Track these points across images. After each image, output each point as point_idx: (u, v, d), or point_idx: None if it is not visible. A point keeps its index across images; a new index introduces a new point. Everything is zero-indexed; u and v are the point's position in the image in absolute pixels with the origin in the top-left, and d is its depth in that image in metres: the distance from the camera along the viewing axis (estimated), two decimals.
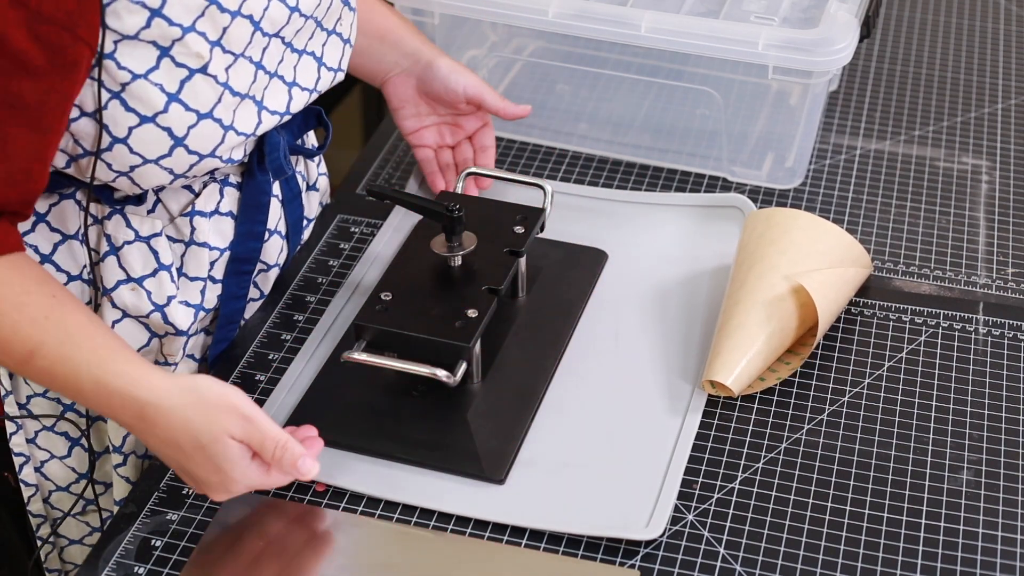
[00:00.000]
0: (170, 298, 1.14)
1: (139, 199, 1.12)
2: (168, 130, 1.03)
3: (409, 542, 1.04)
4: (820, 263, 1.19)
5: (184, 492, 1.08)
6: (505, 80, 1.54)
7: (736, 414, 1.15)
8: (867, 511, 1.06)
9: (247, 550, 1.03)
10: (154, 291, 1.13)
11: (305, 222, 1.28)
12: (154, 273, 1.13)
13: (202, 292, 1.16)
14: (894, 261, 1.32)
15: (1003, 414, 1.15)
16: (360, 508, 1.07)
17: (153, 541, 1.04)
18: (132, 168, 1.04)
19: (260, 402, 1.16)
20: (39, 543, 1.26)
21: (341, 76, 1.18)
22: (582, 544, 1.04)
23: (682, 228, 1.34)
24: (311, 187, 1.28)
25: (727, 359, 1.14)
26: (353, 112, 2.88)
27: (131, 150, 1.03)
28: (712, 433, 1.13)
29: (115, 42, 0.99)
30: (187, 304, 1.16)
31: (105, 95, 1.01)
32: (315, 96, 1.16)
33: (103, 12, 0.97)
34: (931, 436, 1.13)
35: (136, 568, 1.02)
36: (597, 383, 1.17)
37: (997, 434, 1.13)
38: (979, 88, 1.59)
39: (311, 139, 1.29)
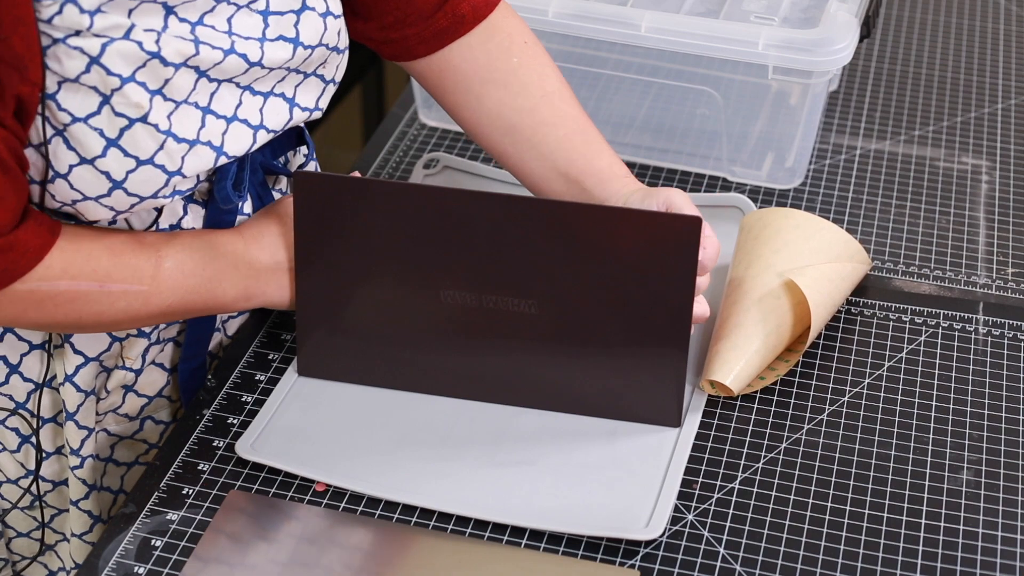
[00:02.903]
0: None
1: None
2: (106, 174, 1.02)
3: (409, 542, 1.04)
4: (815, 260, 1.19)
5: (184, 492, 1.08)
6: None
7: (736, 414, 1.15)
8: (867, 511, 1.06)
9: (247, 550, 1.03)
10: None
11: None
12: None
13: None
14: (894, 261, 1.32)
15: (1003, 414, 1.15)
16: (360, 508, 1.07)
17: (153, 541, 1.04)
18: (74, 202, 1.04)
19: (260, 402, 1.16)
20: None
21: (318, 113, 1.15)
22: (582, 544, 1.04)
23: None
24: None
25: (725, 359, 1.14)
26: (353, 112, 2.88)
27: (71, 186, 1.03)
28: (712, 433, 1.13)
29: (58, 83, 0.98)
30: None
31: (50, 130, 1.00)
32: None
33: (44, 54, 0.97)
34: (931, 436, 1.13)
35: (136, 568, 1.02)
36: None
37: (997, 434, 1.13)
38: (979, 88, 1.59)
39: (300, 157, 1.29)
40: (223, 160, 1.08)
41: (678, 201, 1.13)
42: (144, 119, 1.01)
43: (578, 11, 1.36)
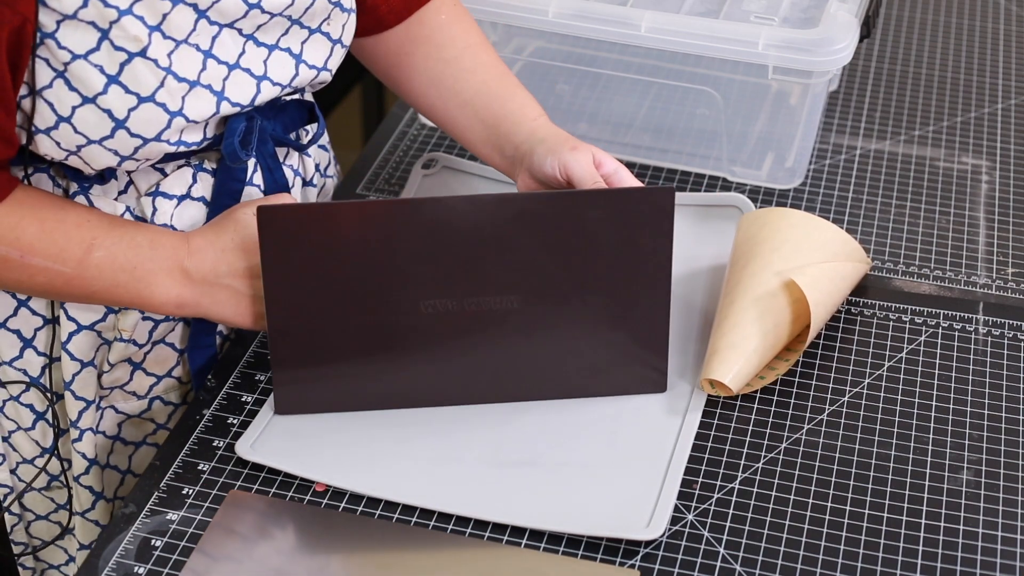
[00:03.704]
0: None
1: (105, 178, 1.12)
2: (108, 112, 1.03)
3: (409, 542, 1.04)
4: (813, 259, 1.19)
5: (184, 492, 1.08)
6: None
7: (736, 414, 1.15)
8: (867, 511, 1.06)
9: (247, 550, 1.03)
10: None
11: None
12: None
13: None
14: (894, 261, 1.32)
15: (1003, 414, 1.15)
16: (360, 508, 1.07)
17: (153, 541, 1.04)
18: (79, 148, 1.05)
19: (260, 402, 1.16)
20: (5, 515, 1.26)
21: (326, 76, 1.16)
22: (582, 544, 1.04)
23: (681, 227, 1.33)
24: (307, 183, 1.26)
25: (725, 358, 1.14)
26: (353, 112, 2.88)
27: (75, 130, 1.04)
28: (712, 433, 1.13)
29: (57, 21, 1.00)
30: None
31: (51, 74, 1.02)
32: (293, 92, 1.15)
33: None
34: (931, 436, 1.13)
35: (136, 568, 1.02)
36: None
37: (997, 434, 1.13)
38: (979, 88, 1.59)
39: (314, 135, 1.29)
40: (226, 107, 1.09)
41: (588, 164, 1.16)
42: (143, 54, 1.02)
43: (578, 11, 1.36)
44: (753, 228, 1.23)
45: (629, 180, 1.16)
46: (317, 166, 1.29)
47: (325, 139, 1.33)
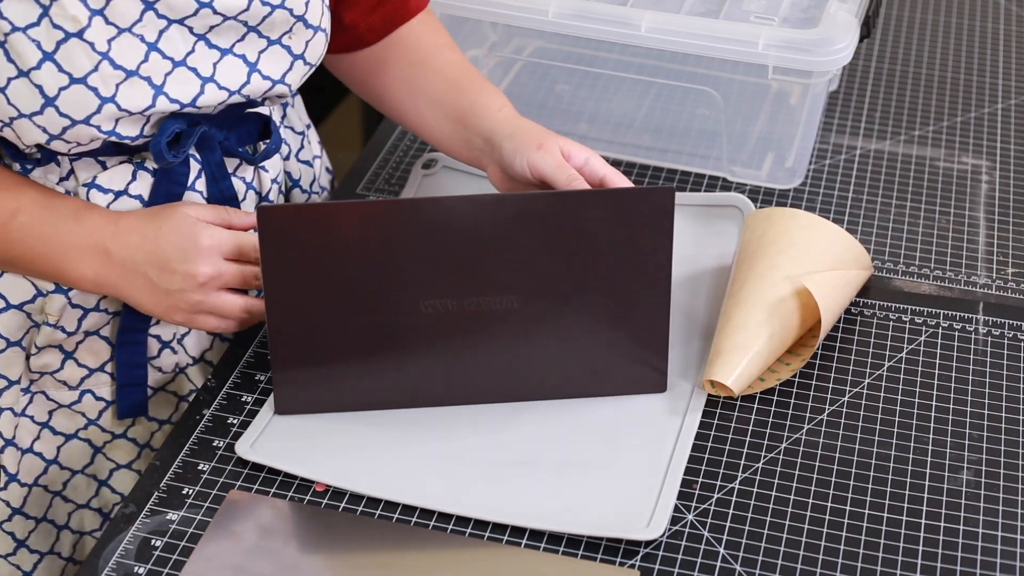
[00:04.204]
0: None
1: (44, 160, 1.12)
2: (40, 88, 1.04)
3: (409, 542, 1.04)
4: (820, 262, 1.19)
5: (184, 492, 1.08)
6: (505, 80, 1.54)
7: (736, 414, 1.15)
8: (867, 511, 1.06)
9: (247, 550, 1.03)
10: None
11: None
12: None
13: None
14: (894, 261, 1.32)
15: (1003, 414, 1.15)
16: (360, 508, 1.07)
17: (153, 541, 1.04)
18: (11, 120, 1.06)
19: (260, 402, 1.16)
20: None
21: (284, 89, 1.15)
22: (582, 544, 1.04)
23: (682, 228, 1.33)
24: (264, 198, 1.23)
25: (727, 359, 1.14)
26: (353, 112, 2.88)
27: (7, 101, 1.05)
28: (712, 433, 1.13)
29: None
30: None
31: None
32: (247, 101, 1.14)
33: None
34: (931, 436, 1.13)
35: (136, 568, 1.02)
36: None
37: (997, 434, 1.13)
38: (979, 88, 1.59)
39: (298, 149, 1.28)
40: (163, 102, 1.08)
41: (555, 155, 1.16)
42: (80, 35, 1.03)
43: (578, 11, 1.36)
44: (760, 228, 1.23)
45: (602, 168, 1.15)
46: (297, 180, 1.28)
47: (308, 154, 1.31)
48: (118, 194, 1.13)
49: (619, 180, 1.14)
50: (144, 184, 1.14)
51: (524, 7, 1.37)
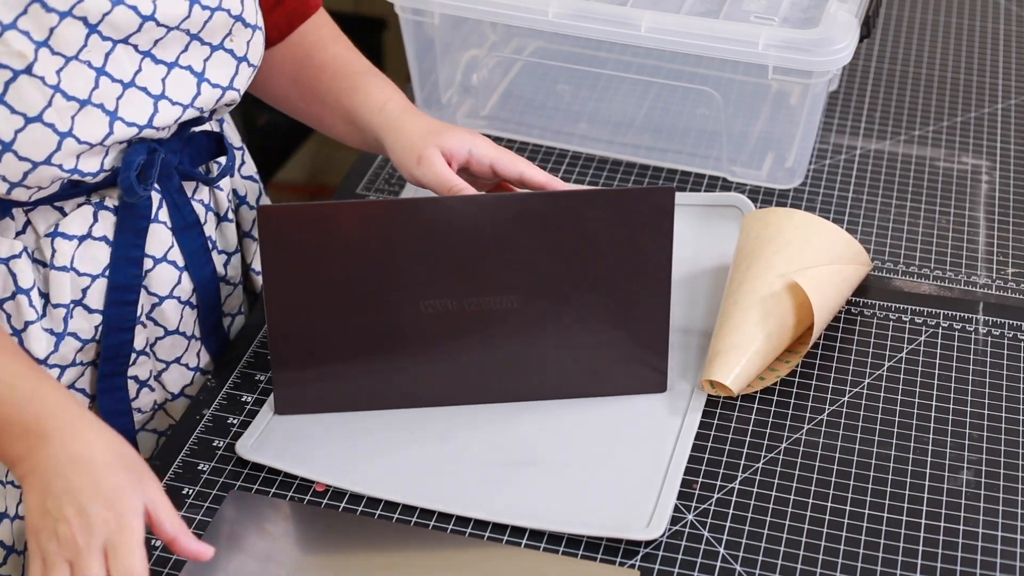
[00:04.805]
0: (28, 323, 1.09)
1: (2, 216, 1.07)
2: None
3: (409, 542, 1.04)
4: (816, 260, 1.19)
5: (184, 492, 1.08)
6: (505, 80, 1.54)
7: (736, 414, 1.15)
8: (867, 511, 1.06)
9: (247, 550, 1.03)
10: (13, 314, 1.09)
11: (222, 255, 1.22)
12: (12, 296, 1.08)
13: (65, 320, 1.10)
14: (894, 261, 1.32)
15: (1003, 414, 1.15)
16: (360, 508, 1.07)
17: (153, 541, 1.04)
18: None
19: (260, 402, 1.16)
20: None
21: (234, 95, 1.12)
22: (582, 544, 1.04)
23: (681, 227, 1.33)
24: (223, 219, 1.21)
25: (726, 359, 1.14)
26: None
27: None
28: (712, 433, 1.13)
29: None
30: (50, 332, 1.10)
31: None
32: (199, 115, 1.11)
33: None
34: (931, 436, 1.13)
35: None
36: None
37: (997, 434, 1.13)
38: (979, 88, 1.59)
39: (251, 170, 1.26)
40: (120, 128, 1.04)
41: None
42: (29, 71, 0.98)
43: (578, 11, 1.36)
44: (756, 228, 1.23)
45: (490, 153, 1.14)
46: (244, 197, 1.25)
47: (249, 170, 1.28)
48: (82, 238, 1.09)
49: (510, 161, 1.14)
50: (107, 224, 1.10)
51: (524, 7, 1.37)
